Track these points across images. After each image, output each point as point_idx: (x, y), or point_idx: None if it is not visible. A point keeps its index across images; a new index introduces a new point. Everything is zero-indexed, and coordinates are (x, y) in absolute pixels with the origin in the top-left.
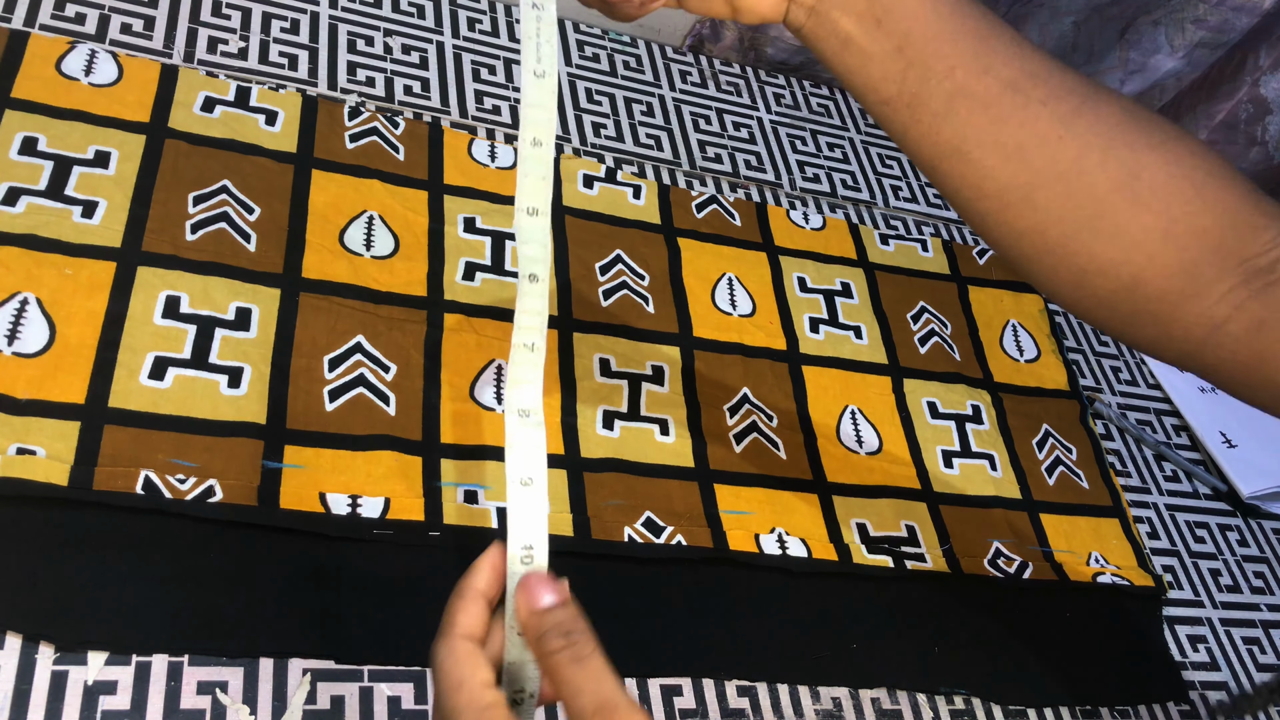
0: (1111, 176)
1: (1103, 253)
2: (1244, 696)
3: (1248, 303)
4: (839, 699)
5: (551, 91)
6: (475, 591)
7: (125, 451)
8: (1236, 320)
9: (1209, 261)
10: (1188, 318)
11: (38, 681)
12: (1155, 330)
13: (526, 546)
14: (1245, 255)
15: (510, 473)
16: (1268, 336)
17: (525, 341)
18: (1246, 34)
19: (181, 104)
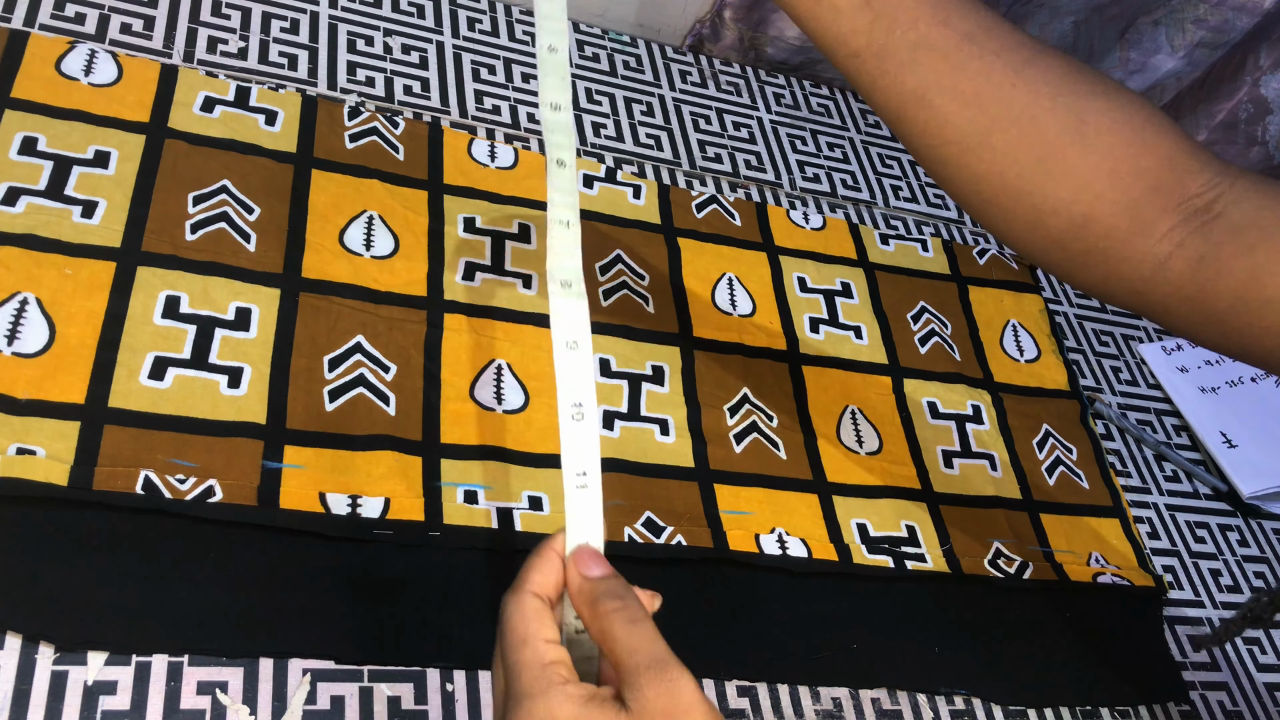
0: (1060, 121)
1: (1054, 192)
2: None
3: (1188, 239)
4: (839, 699)
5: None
6: (554, 552)
7: (125, 451)
8: (1178, 256)
9: (1150, 201)
10: (1134, 255)
11: (38, 681)
12: (1105, 269)
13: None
14: (1184, 195)
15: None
16: (1208, 270)
17: (560, 218)
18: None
19: (181, 104)
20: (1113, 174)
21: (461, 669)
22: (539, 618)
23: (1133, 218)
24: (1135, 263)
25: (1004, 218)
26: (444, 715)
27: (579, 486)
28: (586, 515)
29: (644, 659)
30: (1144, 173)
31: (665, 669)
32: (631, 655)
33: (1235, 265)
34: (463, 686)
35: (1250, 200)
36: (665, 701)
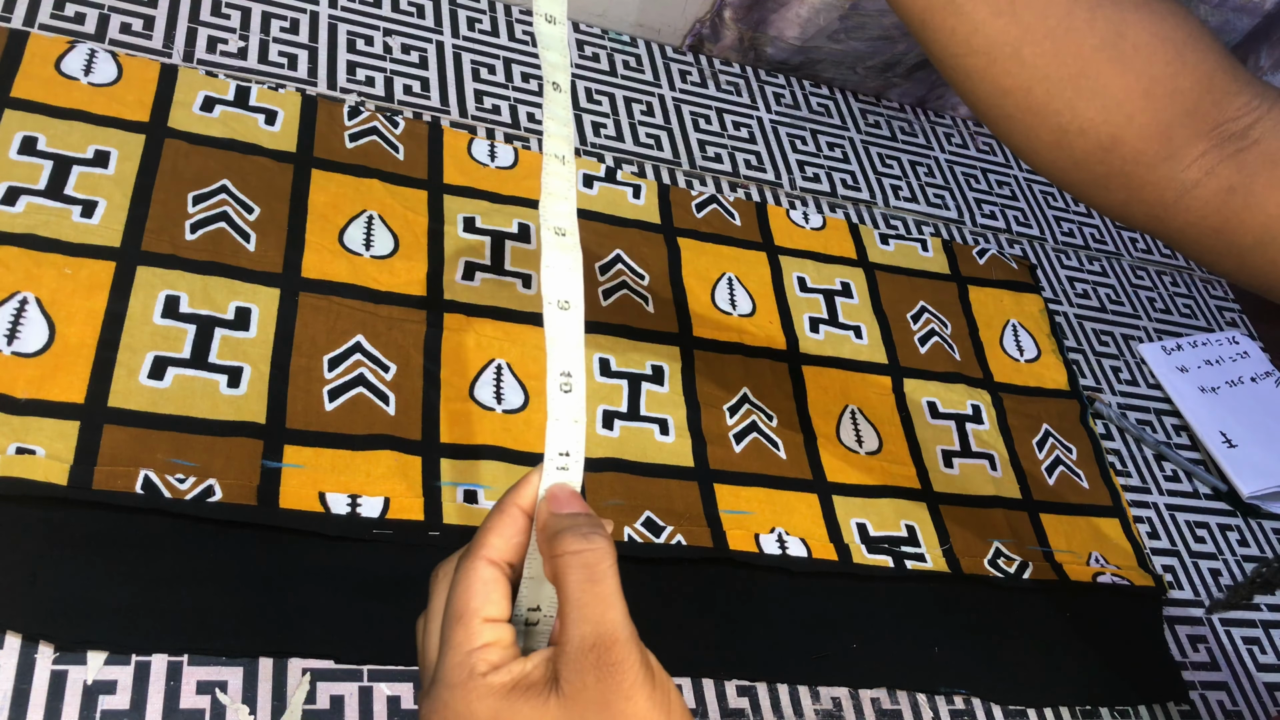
0: (1098, 34)
1: (1084, 111)
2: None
3: (1219, 167)
4: (839, 699)
5: None
6: (516, 509)
7: (125, 451)
8: (1206, 185)
9: (1184, 124)
10: (1160, 180)
11: (37, 681)
12: (1126, 193)
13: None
14: (1219, 120)
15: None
16: (1237, 201)
17: (556, 152)
18: (1247, 35)
19: (181, 103)
20: (1148, 94)
21: None
22: (485, 590)
23: (1163, 142)
24: (1160, 188)
25: (1026, 135)
26: None
27: (560, 468)
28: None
29: (589, 631)
30: (1180, 94)
31: (609, 648)
32: (578, 624)
33: (1267, 199)
34: None
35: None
36: (604, 688)
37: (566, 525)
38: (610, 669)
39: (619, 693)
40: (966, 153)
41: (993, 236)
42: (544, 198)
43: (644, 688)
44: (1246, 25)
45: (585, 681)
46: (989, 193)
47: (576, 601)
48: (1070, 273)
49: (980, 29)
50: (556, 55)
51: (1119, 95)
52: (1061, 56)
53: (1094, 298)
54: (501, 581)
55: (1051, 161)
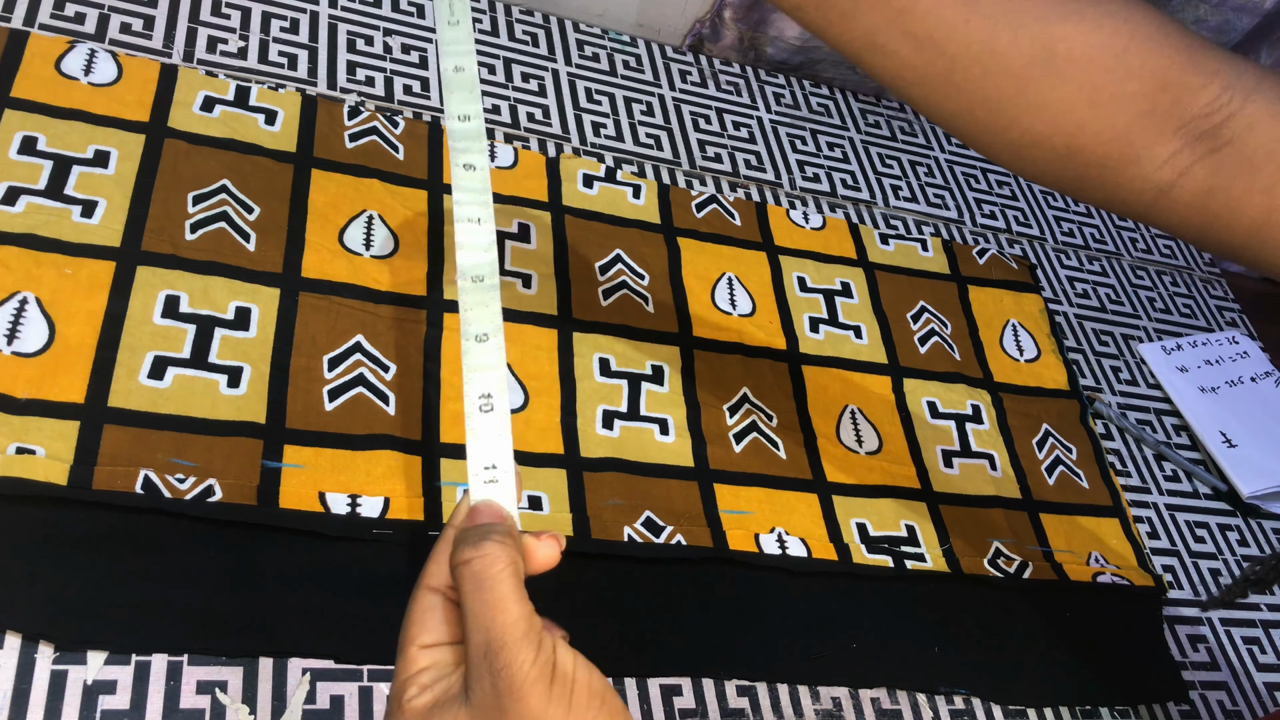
0: (1024, 52)
1: (1032, 125)
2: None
3: (1194, 168)
4: (839, 699)
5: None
6: (452, 531)
7: (125, 451)
8: (1183, 186)
9: (1143, 126)
10: (1133, 182)
11: (37, 681)
12: (1104, 194)
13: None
14: (1185, 117)
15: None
16: (1218, 204)
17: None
18: (1247, 34)
19: (181, 103)
20: (1093, 103)
21: None
22: (422, 619)
23: (1124, 146)
24: (1136, 190)
25: (988, 149)
26: None
27: (488, 481)
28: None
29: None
30: (1131, 98)
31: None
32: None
33: (1249, 204)
34: None
35: (1265, 128)
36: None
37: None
38: (500, 672)
39: (510, 694)
40: (966, 152)
41: (993, 236)
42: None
43: (537, 686)
44: (1246, 25)
45: (483, 688)
46: (989, 192)
47: (469, 611)
48: (1070, 273)
49: (908, 63)
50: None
51: (1062, 107)
52: (995, 78)
53: (1094, 298)
54: (440, 606)
55: (1021, 170)
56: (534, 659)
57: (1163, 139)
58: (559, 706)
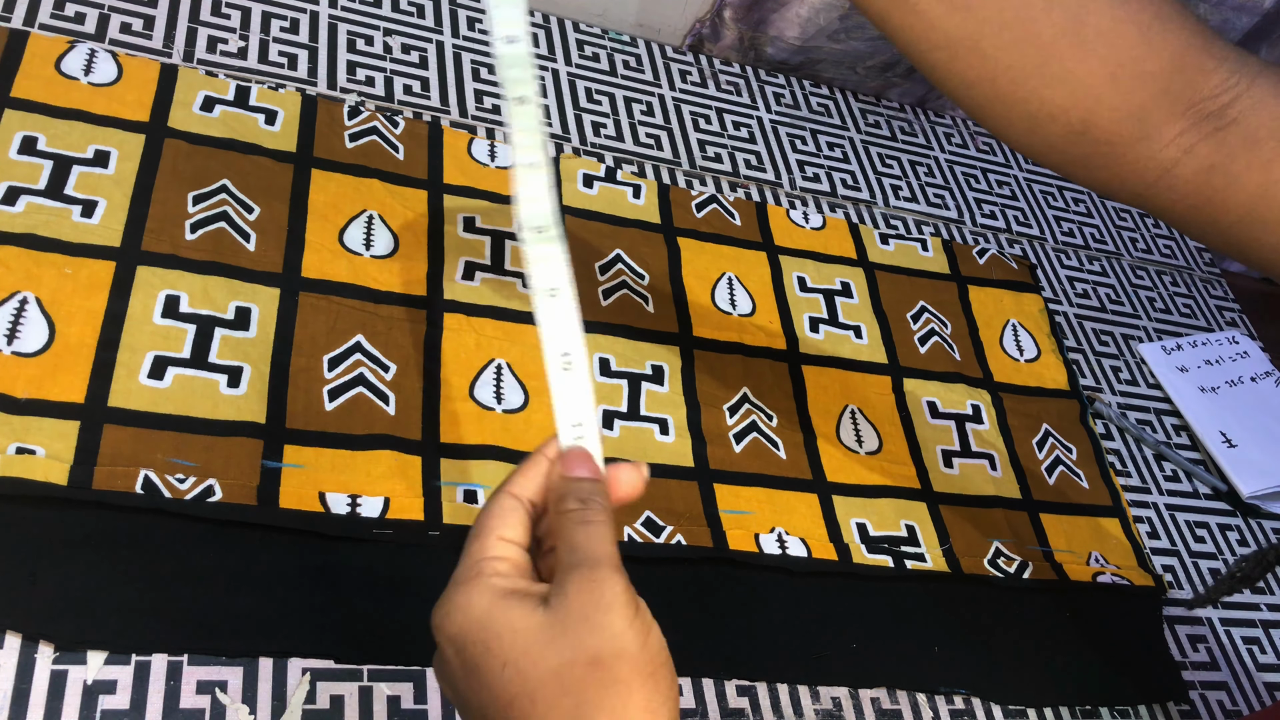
0: (1056, 22)
1: (1051, 98)
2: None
3: (1198, 146)
4: (839, 699)
5: None
6: (543, 456)
7: (125, 451)
8: (1186, 164)
9: (1157, 105)
10: (1139, 160)
11: (37, 681)
12: (1107, 173)
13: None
14: (1194, 99)
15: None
16: (1217, 180)
17: (526, 161)
18: (1247, 34)
19: (181, 103)
20: (1114, 78)
21: None
22: (503, 516)
23: (1137, 123)
24: (1140, 168)
25: (1000, 122)
26: (444, 715)
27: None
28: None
29: (578, 558)
30: (1149, 77)
31: (595, 569)
32: (569, 554)
33: (1248, 179)
34: None
35: (1269, 109)
36: (585, 600)
37: (570, 490)
38: (593, 584)
39: (599, 604)
40: (966, 152)
41: (993, 236)
42: (519, 203)
43: (625, 608)
44: (1246, 24)
45: (569, 593)
46: (989, 192)
47: (571, 543)
48: (1070, 272)
49: (937, 25)
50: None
51: (1085, 80)
52: (1022, 47)
53: (1094, 297)
54: (520, 511)
55: (1029, 146)
56: (625, 587)
57: (1172, 118)
58: (637, 635)
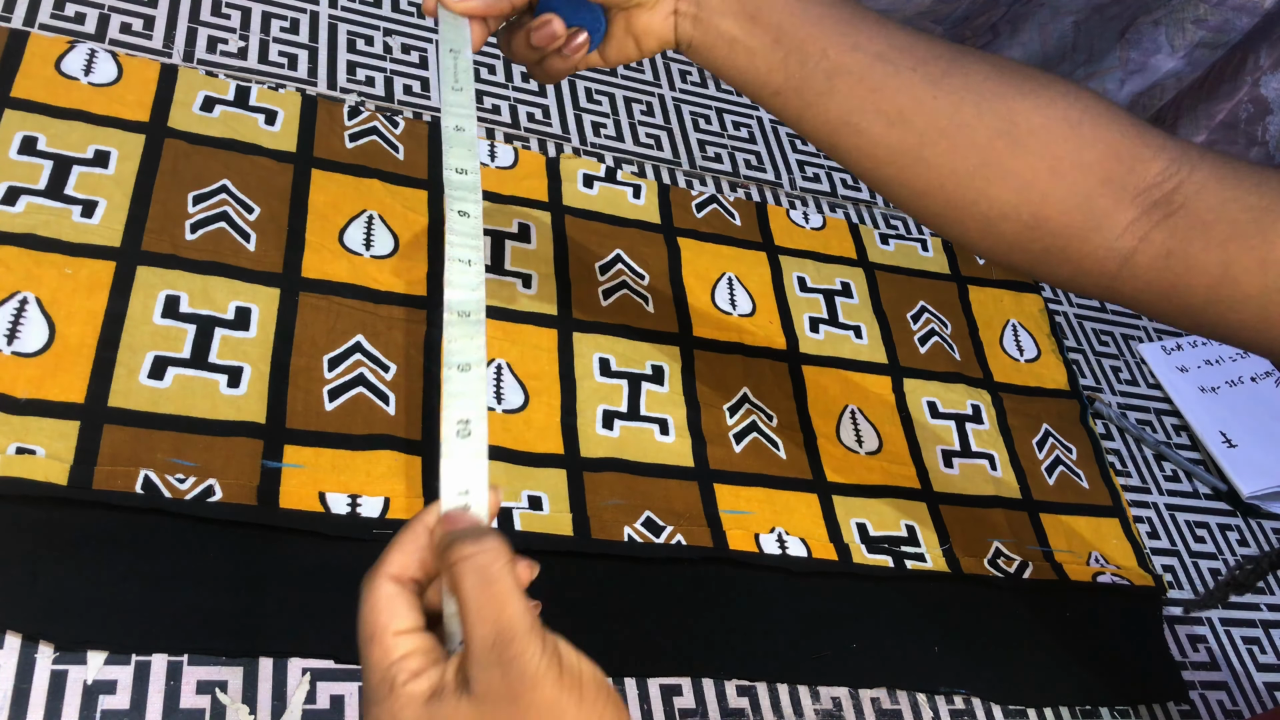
0: (989, 125)
1: (999, 196)
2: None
3: (1152, 234)
4: (839, 699)
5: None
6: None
7: (125, 451)
8: (1144, 251)
9: (1101, 193)
10: (1096, 252)
11: (37, 681)
12: (1069, 267)
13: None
14: (1139, 186)
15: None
16: (1177, 266)
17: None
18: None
19: (181, 103)
20: (1054, 171)
21: None
22: (390, 606)
23: (1086, 213)
24: (1099, 259)
25: (958, 227)
26: None
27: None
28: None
29: (488, 631)
30: (1088, 167)
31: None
32: (477, 626)
33: (1206, 261)
34: None
35: (1214, 191)
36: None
37: (457, 535)
38: (511, 662)
39: (523, 683)
40: None
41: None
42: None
43: (549, 674)
44: (1246, 25)
45: (491, 678)
46: None
47: (473, 604)
48: None
49: (880, 142)
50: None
51: (1026, 176)
52: (962, 151)
53: None
54: (405, 594)
55: (991, 248)
56: (542, 650)
57: (1121, 206)
58: (571, 695)
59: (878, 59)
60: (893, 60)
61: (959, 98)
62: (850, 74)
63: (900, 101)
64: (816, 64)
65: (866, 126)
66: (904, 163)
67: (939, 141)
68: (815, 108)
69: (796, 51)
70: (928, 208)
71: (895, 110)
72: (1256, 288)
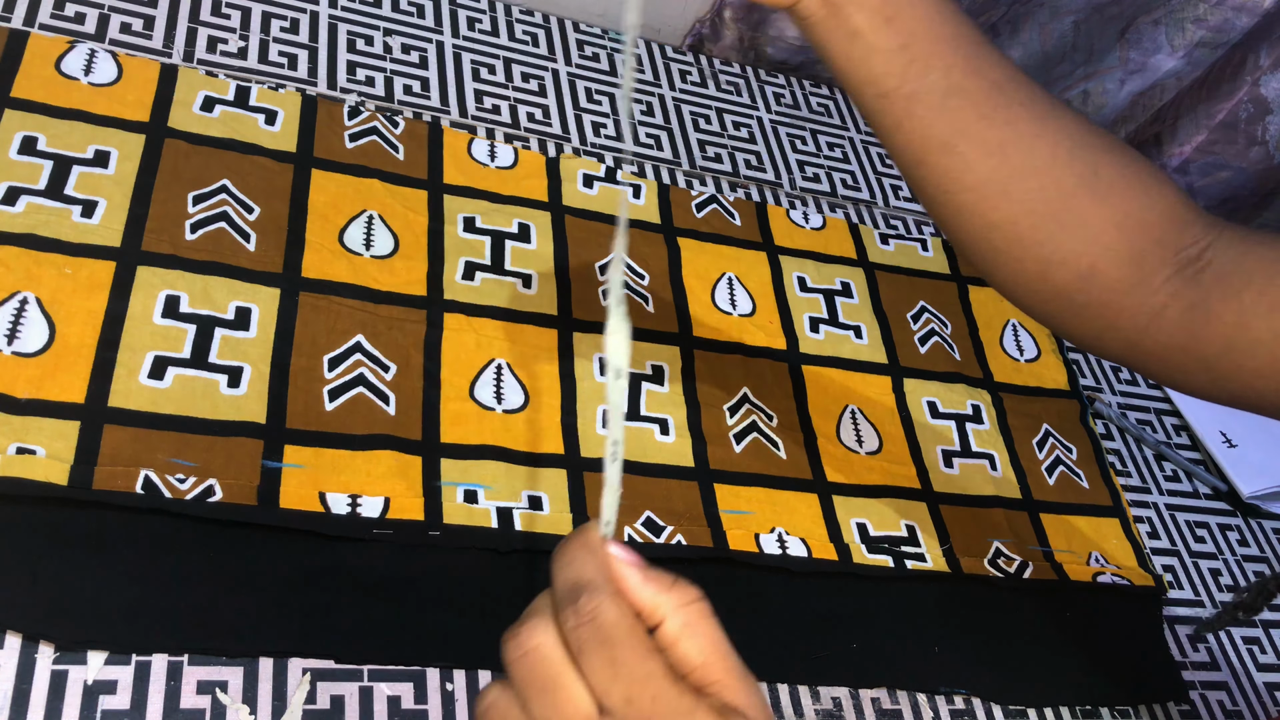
0: (1077, 173)
1: (1065, 243)
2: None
3: (1182, 290)
4: (839, 699)
5: None
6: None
7: (125, 451)
8: (1173, 306)
9: (1152, 252)
10: (1133, 306)
11: (38, 681)
12: (1103, 321)
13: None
14: (1180, 246)
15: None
16: (1198, 316)
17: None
18: (1246, 34)
19: (181, 103)
20: (1121, 226)
21: (461, 669)
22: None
23: (1135, 269)
24: (1133, 314)
25: (1012, 268)
26: (444, 715)
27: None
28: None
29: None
30: (1149, 226)
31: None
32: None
33: (1223, 310)
34: (462, 686)
35: (1234, 247)
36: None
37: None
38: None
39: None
40: None
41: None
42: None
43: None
44: (1246, 24)
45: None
46: None
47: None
48: None
49: (972, 168)
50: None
51: (1097, 227)
52: (1045, 192)
53: None
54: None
55: (1035, 292)
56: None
57: (1163, 264)
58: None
59: (995, 88)
60: (1008, 92)
61: (1057, 141)
62: (967, 96)
63: (1004, 134)
64: (938, 79)
65: (965, 151)
66: (987, 193)
67: (1028, 179)
68: (920, 120)
69: (921, 62)
70: (991, 241)
71: (997, 141)
72: (1268, 332)
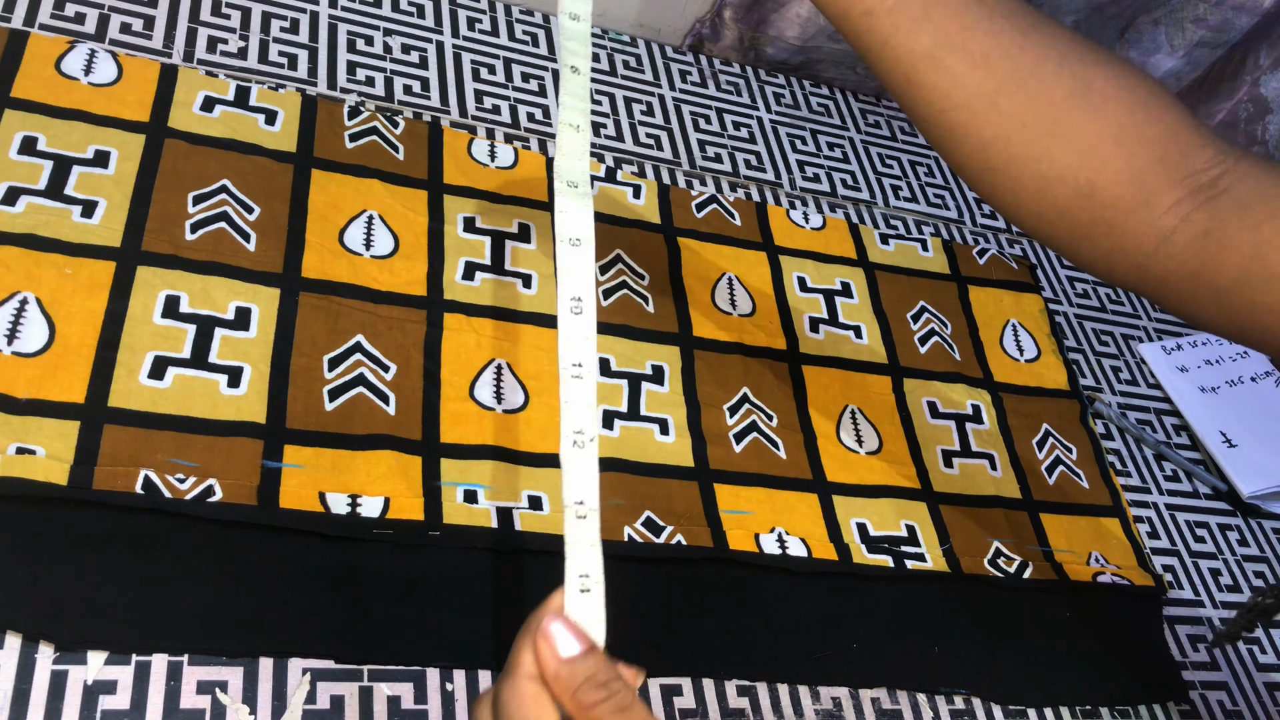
0: (1066, 86)
1: (1061, 158)
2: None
3: (1194, 214)
4: (839, 699)
5: None
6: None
7: (125, 451)
8: (1183, 230)
9: (1155, 171)
10: (1139, 227)
11: (37, 681)
12: (1109, 242)
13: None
14: (1189, 170)
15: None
16: (1212, 244)
17: (570, 121)
18: (1246, 34)
19: (181, 103)
20: (1118, 141)
21: (461, 669)
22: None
23: (1138, 187)
24: (1140, 235)
25: (1010, 187)
26: (444, 715)
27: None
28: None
29: None
30: (1150, 143)
31: None
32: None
33: (1240, 240)
34: (462, 686)
35: (1255, 178)
36: None
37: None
38: None
39: None
40: None
41: (993, 236)
42: (559, 157)
43: None
44: (1246, 24)
45: None
46: None
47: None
48: (1070, 272)
49: (959, 82)
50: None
51: (1092, 141)
52: (1035, 105)
53: (1094, 297)
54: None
55: (1037, 213)
56: None
57: (1170, 186)
58: None
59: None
60: (988, 4)
61: (1042, 52)
62: (947, 6)
63: (988, 44)
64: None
65: (951, 63)
66: (978, 107)
67: (1016, 92)
68: (905, 33)
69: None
70: (987, 160)
71: (981, 52)
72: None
